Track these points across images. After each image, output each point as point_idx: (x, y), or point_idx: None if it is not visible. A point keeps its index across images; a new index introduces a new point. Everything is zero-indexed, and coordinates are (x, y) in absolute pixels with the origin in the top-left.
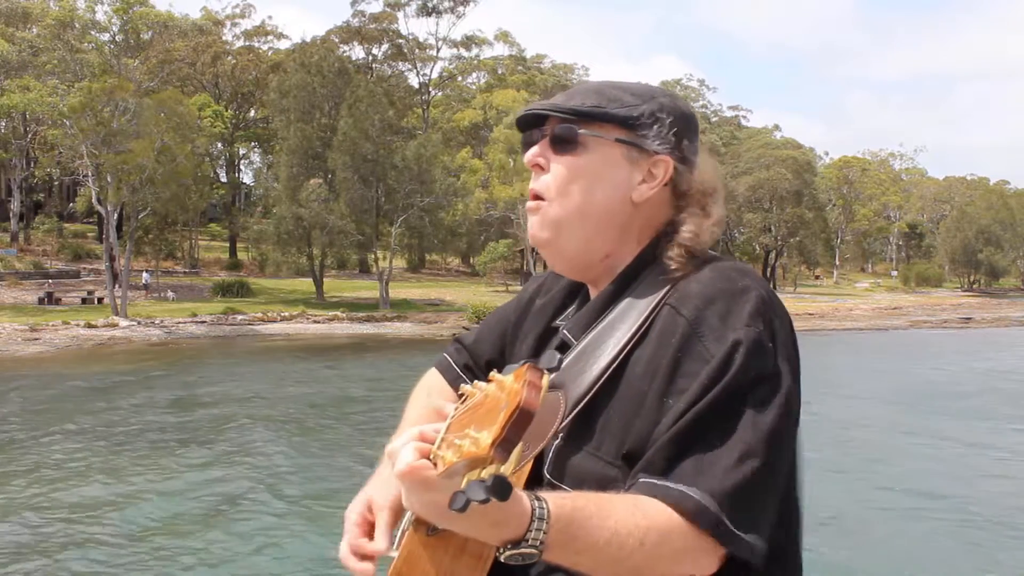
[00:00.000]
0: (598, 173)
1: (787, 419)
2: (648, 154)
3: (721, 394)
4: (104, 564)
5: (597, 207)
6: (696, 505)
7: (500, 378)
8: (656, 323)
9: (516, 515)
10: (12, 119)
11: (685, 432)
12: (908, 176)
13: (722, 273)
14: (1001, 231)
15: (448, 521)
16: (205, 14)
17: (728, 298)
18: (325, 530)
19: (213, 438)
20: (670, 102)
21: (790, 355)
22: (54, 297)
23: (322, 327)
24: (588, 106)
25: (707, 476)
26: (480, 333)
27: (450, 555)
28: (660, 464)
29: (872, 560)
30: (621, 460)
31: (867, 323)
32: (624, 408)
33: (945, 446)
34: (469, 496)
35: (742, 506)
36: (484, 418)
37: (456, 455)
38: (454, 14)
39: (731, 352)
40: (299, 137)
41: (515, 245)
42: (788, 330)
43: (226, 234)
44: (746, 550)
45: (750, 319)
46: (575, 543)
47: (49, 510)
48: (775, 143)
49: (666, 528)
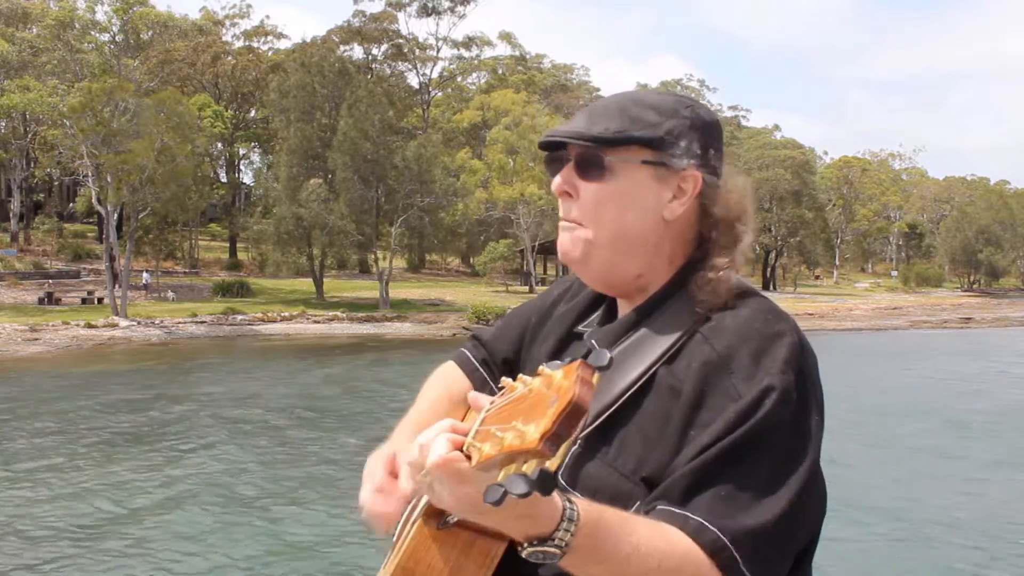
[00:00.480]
0: (628, 197)
1: (814, 476)
2: (676, 171)
3: (748, 435)
4: (100, 563)
5: (629, 230)
6: (714, 539)
7: (549, 372)
8: (686, 349)
9: (546, 512)
10: (12, 119)
11: (708, 466)
12: (908, 176)
13: (759, 314)
14: (1001, 231)
15: (476, 514)
16: (204, 14)
17: (762, 340)
18: (324, 531)
19: (211, 439)
20: (693, 113)
21: (819, 405)
22: (54, 297)
23: (322, 327)
24: (612, 132)
25: (727, 513)
26: (499, 331)
27: (458, 551)
28: (678, 494)
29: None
30: (639, 480)
31: (867, 323)
32: (645, 426)
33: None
34: (508, 489)
35: (759, 550)
36: (530, 412)
37: (496, 448)
38: (454, 14)
39: (762, 396)
40: (299, 137)
41: (515, 245)
42: (817, 379)
43: (226, 234)
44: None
45: (784, 365)
46: (597, 552)
47: (46, 509)
48: (775, 143)
49: (684, 557)
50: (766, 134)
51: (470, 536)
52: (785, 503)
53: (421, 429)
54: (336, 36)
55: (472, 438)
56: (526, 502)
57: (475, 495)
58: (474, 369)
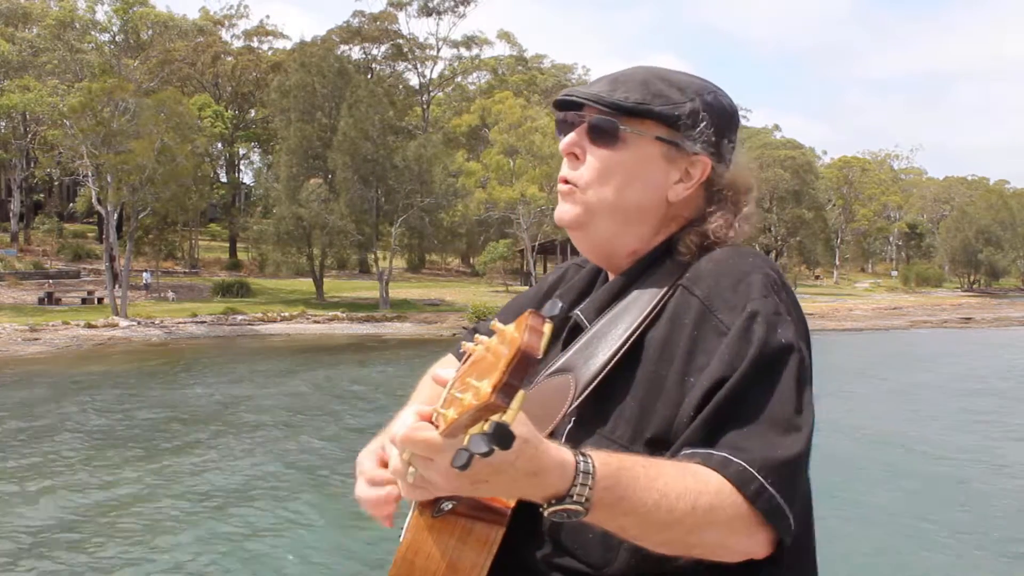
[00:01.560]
0: (635, 170)
1: (811, 391)
2: (687, 154)
3: (750, 367)
4: (99, 562)
5: (631, 204)
6: (741, 471)
7: (501, 327)
8: (669, 305)
9: (556, 465)
10: (12, 119)
11: (720, 407)
12: (907, 176)
13: (732, 252)
14: (1001, 231)
15: (480, 484)
16: (203, 14)
17: (738, 273)
18: (325, 531)
19: (211, 438)
20: (714, 99)
21: (803, 331)
22: (54, 297)
23: (322, 327)
24: (632, 101)
25: (750, 446)
26: (498, 319)
27: (456, 538)
28: (698, 439)
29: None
30: (643, 446)
31: (867, 323)
32: (640, 392)
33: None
34: (471, 450)
35: (785, 476)
36: (486, 368)
37: (458, 410)
38: (455, 14)
39: (748, 323)
40: (299, 137)
41: (515, 245)
42: (798, 306)
43: (226, 234)
44: (787, 528)
45: (763, 289)
46: (622, 503)
47: (45, 509)
48: (775, 143)
49: (718, 493)
50: (766, 134)
51: (467, 523)
52: (803, 426)
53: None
54: (336, 36)
55: (440, 406)
56: (527, 458)
57: (448, 468)
58: None
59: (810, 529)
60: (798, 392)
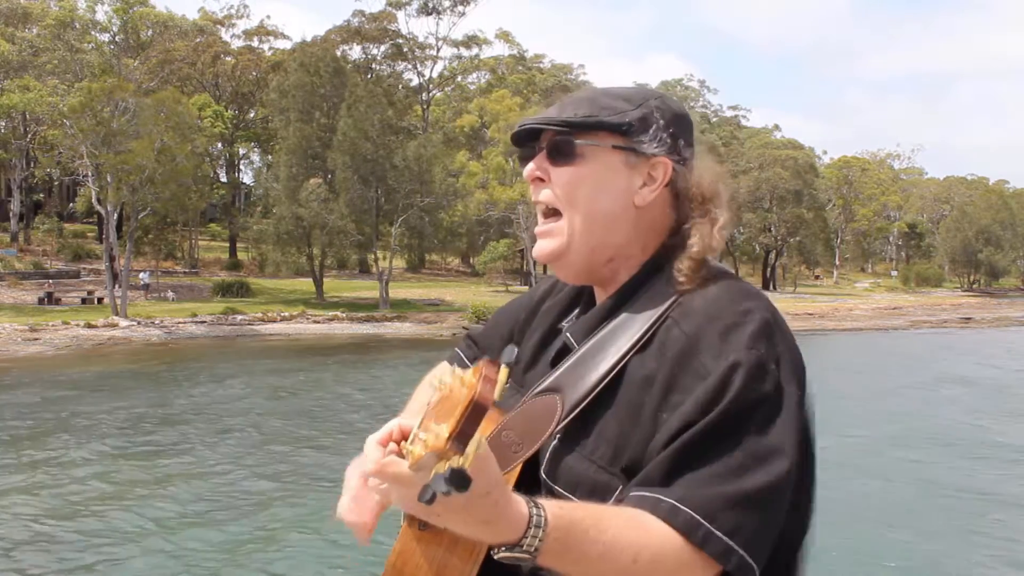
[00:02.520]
0: (599, 181)
1: (799, 436)
2: (646, 157)
3: (720, 416)
4: (98, 562)
5: (601, 213)
6: (688, 519)
7: (460, 373)
8: (658, 335)
9: (512, 517)
10: (12, 119)
11: (682, 449)
12: (907, 176)
13: (728, 292)
14: (1001, 231)
15: (435, 516)
16: (203, 14)
17: (730, 317)
18: (324, 530)
19: (211, 438)
20: (662, 103)
21: (798, 378)
22: (54, 297)
23: (322, 327)
24: (581, 116)
25: (703, 493)
26: (489, 329)
27: (443, 548)
28: (657, 478)
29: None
30: (619, 471)
31: (867, 323)
32: (620, 416)
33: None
34: (434, 488)
35: (736, 521)
36: (446, 412)
37: (423, 449)
38: (455, 13)
39: (729, 373)
40: (299, 137)
41: (515, 245)
42: (794, 353)
43: (226, 234)
44: (741, 566)
45: (751, 340)
46: (569, 553)
47: (44, 508)
48: (775, 143)
49: (661, 545)
50: (766, 134)
51: (453, 535)
52: (765, 476)
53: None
54: (336, 36)
55: (410, 442)
56: (484, 507)
57: (415, 498)
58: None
59: (795, 560)
60: (763, 440)
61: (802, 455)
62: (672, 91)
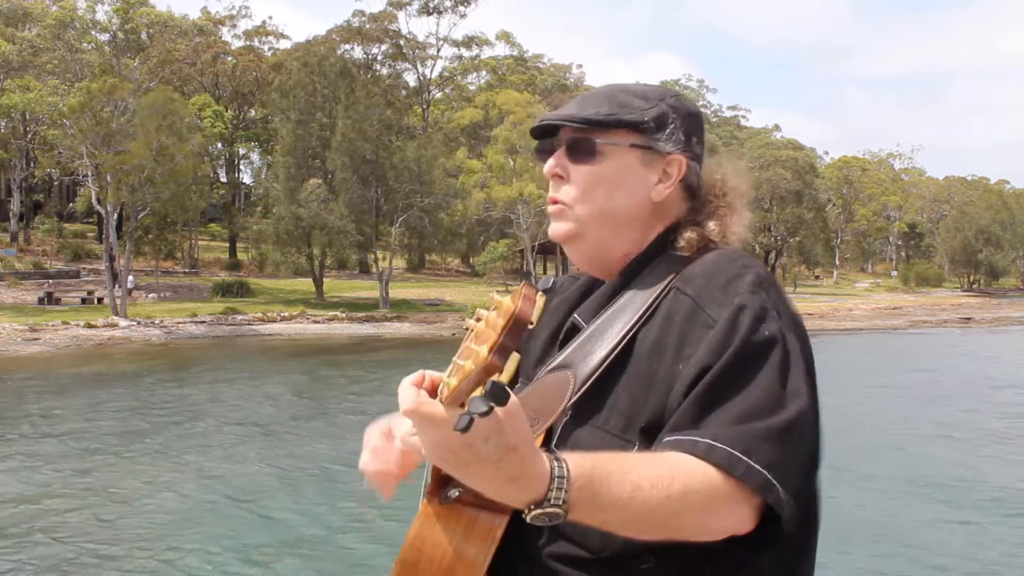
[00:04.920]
0: (617, 179)
1: (809, 382)
2: (662, 155)
3: (734, 356)
4: (98, 562)
5: (619, 211)
6: (726, 455)
7: (498, 299)
8: (662, 305)
9: (537, 474)
10: (12, 119)
11: (704, 393)
12: (907, 176)
13: (725, 255)
14: (1001, 231)
15: (464, 466)
16: (204, 14)
17: (729, 273)
18: (323, 532)
19: (211, 438)
20: (677, 102)
21: (796, 330)
22: (54, 297)
23: (322, 327)
24: (602, 115)
25: (732, 429)
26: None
27: (463, 526)
28: (684, 424)
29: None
30: (636, 435)
31: (867, 323)
32: (633, 385)
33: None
34: (471, 411)
35: (772, 454)
36: (484, 336)
37: (459, 376)
38: (455, 13)
39: (736, 314)
40: (299, 137)
41: (515, 245)
42: (790, 307)
43: (226, 234)
44: (778, 500)
45: (752, 287)
46: (598, 500)
47: (43, 508)
48: (776, 143)
49: (692, 476)
50: (766, 134)
51: (473, 512)
52: (792, 408)
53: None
54: (336, 36)
55: (445, 378)
56: (511, 463)
57: (452, 436)
58: None
59: (812, 519)
60: (781, 380)
61: (814, 400)
62: (677, 90)
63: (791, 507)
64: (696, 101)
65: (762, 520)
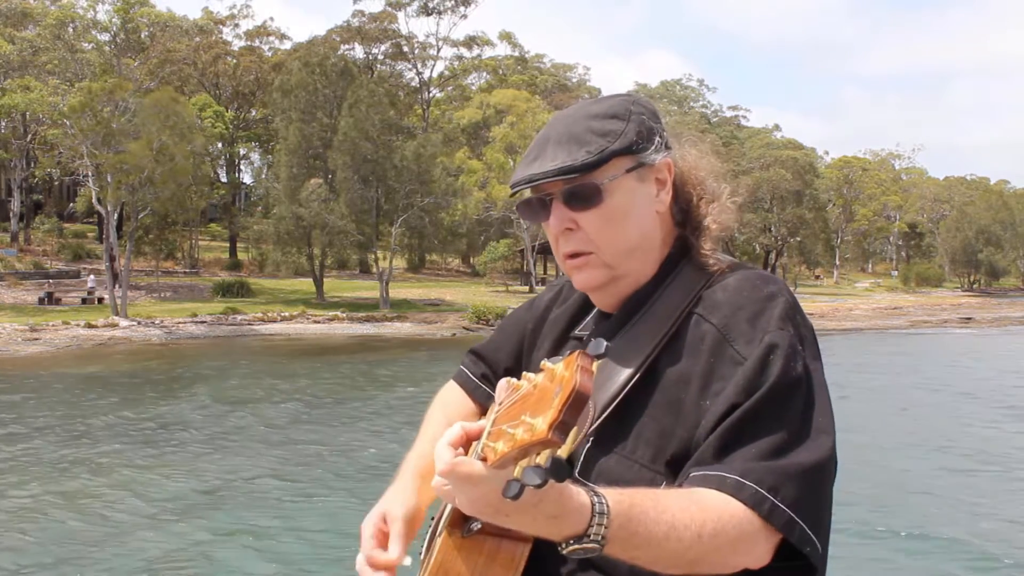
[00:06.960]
0: (627, 209)
1: (831, 421)
2: (651, 165)
3: (767, 395)
4: (97, 561)
5: (636, 238)
6: (753, 493)
7: (551, 367)
8: (684, 331)
9: (575, 509)
10: (12, 119)
11: (733, 429)
12: (908, 176)
13: (747, 280)
14: (1001, 231)
15: (504, 516)
16: (206, 14)
17: (755, 304)
18: (324, 530)
19: (211, 439)
20: (641, 107)
21: (817, 357)
22: (54, 297)
23: (322, 327)
24: (594, 153)
25: (760, 466)
26: (497, 342)
27: (485, 556)
28: (711, 458)
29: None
30: (664, 467)
31: (867, 323)
32: (659, 415)
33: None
34: (524, 481)
35: (797, 492)
36: (537, 405)
37: (509, 444)
38: (456, 14)
39: (767, 353)
40: (299, 137)
41: (515, 245)
42: (811, 330)
43: (226, 234)
44: (802, 539)
45: (781, 322)
46: (635, 538)
47: (42, 508)
48: (776, 143)
49: (722, 517)
50: (766, 134)
51: (495, 541)
52: (818, 449)
53: (424, 470)
54: (336, 35)
55: (486, 439)
56: (550, 501)
57: (491, 495)
58: (475, 387)
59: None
60: (809, 417)
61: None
62: (672, 91)
63: (813, 544)
64: (697, 101)
65: (780, 553)
